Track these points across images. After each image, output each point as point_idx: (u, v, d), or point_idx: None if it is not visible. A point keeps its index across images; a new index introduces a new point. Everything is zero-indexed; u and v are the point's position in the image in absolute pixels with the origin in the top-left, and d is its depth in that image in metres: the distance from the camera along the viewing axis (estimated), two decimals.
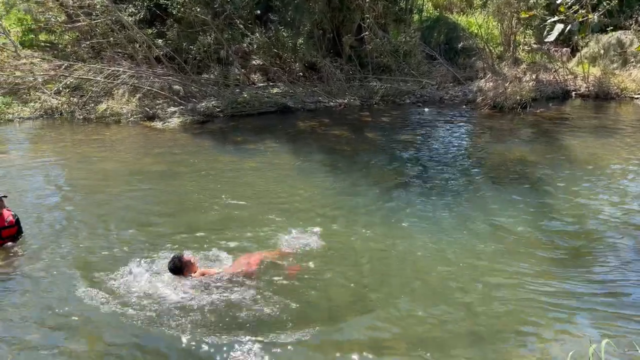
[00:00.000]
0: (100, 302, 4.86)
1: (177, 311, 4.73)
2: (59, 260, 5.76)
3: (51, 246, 6.10)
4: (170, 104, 14.58)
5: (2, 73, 14.69)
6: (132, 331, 4.47)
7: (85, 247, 6.09)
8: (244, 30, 16.92)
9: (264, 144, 11.62)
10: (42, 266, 5.64)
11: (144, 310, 4.70)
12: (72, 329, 4.55)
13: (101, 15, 15.32)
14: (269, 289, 5.14)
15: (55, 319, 4.71)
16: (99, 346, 4.37)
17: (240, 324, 4.59)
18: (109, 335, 4.48)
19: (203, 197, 7.88)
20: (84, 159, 10.25)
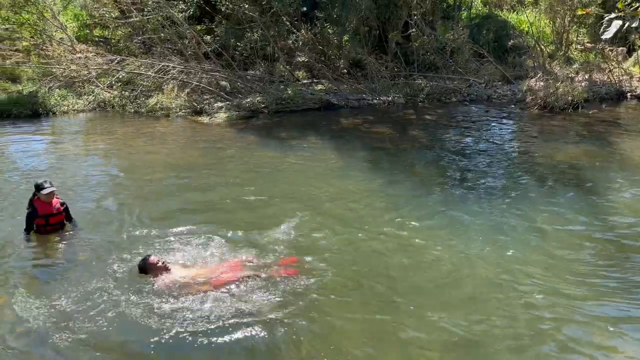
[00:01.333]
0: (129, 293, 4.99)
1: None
2: (102, 248, 5.90)
3: (96, 234, 6.27)
4: (217, 99, 14.85)
5: (59, 66, 15.33)
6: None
7: (128, 237, 6.20)
8: (290, 27, 17.04)
9: (306, 140, 11.68)
10: (86, 253, 5.80)
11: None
12: (105, 320, 4.67)
13: (153, 12, 15.75)
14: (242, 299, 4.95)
15: (89, 309, 4.79)
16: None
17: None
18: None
19: (244, 192, 7.97)
20: (133, 151, 10.58)
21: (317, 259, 5.71)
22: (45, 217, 6.02)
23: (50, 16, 16.45)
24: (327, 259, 5.75)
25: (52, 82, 14.59)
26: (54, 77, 14.80)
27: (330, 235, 6.37)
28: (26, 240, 5.99)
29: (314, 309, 4.82)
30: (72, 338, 4.37)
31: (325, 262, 5.66)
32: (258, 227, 6.50)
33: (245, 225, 6.59)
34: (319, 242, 6.17)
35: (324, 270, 5.45)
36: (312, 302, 4.89)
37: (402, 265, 5.77)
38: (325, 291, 5.10)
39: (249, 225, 6.58)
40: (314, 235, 6.32)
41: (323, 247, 6.05)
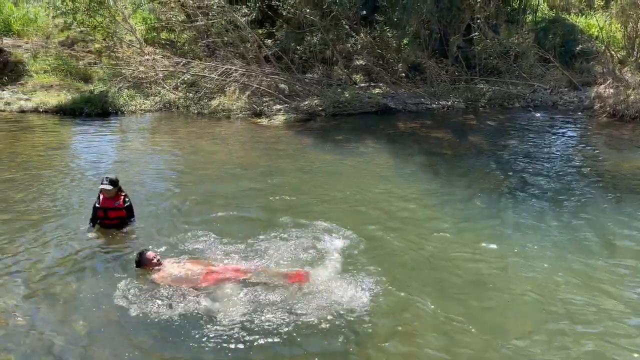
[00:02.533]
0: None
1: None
2: (158, 245, 6.01)
3: (154, 231, 6.42)
4: (276, 101, 15.11)
5: (128, 68, 16.08)
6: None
7: (185, 235, 6.27)
8: (349, 30, 17.10)
9: (363, 143, 11.68)
10: (127, 249, 5.88)
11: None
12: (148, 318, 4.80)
13: (217, 16, 16.23)
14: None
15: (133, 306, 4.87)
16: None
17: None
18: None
19: (300, 193, 8.05)
20: (196, 150, 10.93)
21: (368, 265, 5.67)
22: (104, 210, 6.27)
23: (121, 19, 17.28)
24: (379, 265, 5.67)
25: (121, 82, 15.31)
26: (124, 77, 15.52)
27: (384, 240, 6.33)
28: (87, 231, 6.28)
29: (359, 323, 4.78)
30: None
31: (377, 268, 5.59)
32: (310, 229, 6.51)
33: (297, 227, 6.60)
34: (372, 247, 6.10)
35: (377, 280, 5.37)
36: (360, 316, 4.81)
37: (459, 276, 5.61)
38: (375, 305, 5.07)
39: (301, 227, 6.59)
40: (368, 240, 6.27)
41: (376, 253, 5.98)
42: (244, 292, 4.96)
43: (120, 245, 6.00)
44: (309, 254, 5.78)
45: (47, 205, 7.25)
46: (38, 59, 16.67)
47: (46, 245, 5.90)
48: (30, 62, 16.47)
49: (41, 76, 15.81)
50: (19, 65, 16.15)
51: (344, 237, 6.28)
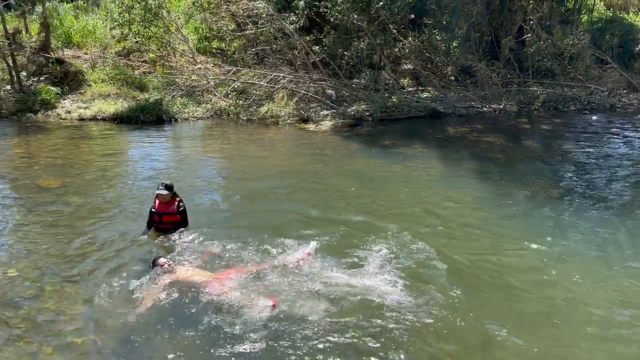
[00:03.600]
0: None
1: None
2: (204, 247, 6.08)
3: (204, 235, 6.43)
4: (323, 107, 15.19)
5: (181, 76, 16.57)
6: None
7: (231, 239, 6.29)
8: (396, 34, 17.00)
9: (412, 148, 11.56)
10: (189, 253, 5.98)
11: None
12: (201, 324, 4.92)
13: (266, 24, 16.50)
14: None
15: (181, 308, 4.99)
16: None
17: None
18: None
19: (346, 199, 8.02)
20: (245, 156, 11.12)
21: (417, 273, 5.58)
22: (159, 214, 6.44)
23: (175, 29, 17.84)
24: (427, 273, 5.57)
25: (175, 91, 15.79)
26: (177, 86, 16.01)
27: (434, 249, 6.17)
28: (142, 234, 6.47)
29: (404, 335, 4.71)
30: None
31: (425, 277, 5.48)
32: (357, 235, 6.48)
33: (344, 233, 6.58)
34: (421, 257, 5.96)
35: (426, 289, 5.27)
36: (413, 324, 4.76)
37: (511, 286, 5.42)
38: (424, 312, 4.98)
39: (348, 233, 6.57)
40: (416, 249, 6.13)
41: (425, 262, 5.84)
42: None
43: (170, 249, 6.14)
44: (357, 262, 5.75)
45: (105, 209, 7.54)
46: (96, 69, 17.42)
47: (102, 248, 6.11)
48: (89, 72, 17.22)
49: (99, 85, 16.51)
50: (79, 75, 16.92)
51: (391, 244, 6.20)
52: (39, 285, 5.18)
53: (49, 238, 6.36)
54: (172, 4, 19.15)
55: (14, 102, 15.25)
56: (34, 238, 6.39)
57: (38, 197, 8.07)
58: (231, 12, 17.86)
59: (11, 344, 4.32)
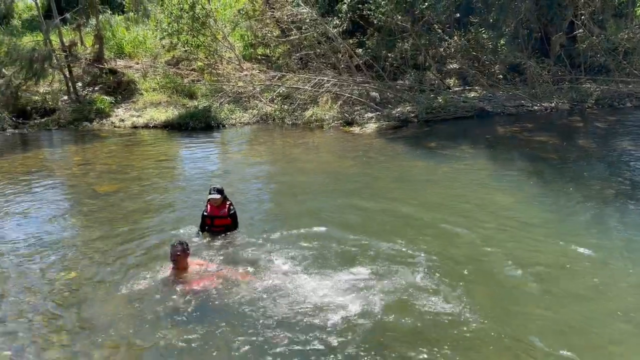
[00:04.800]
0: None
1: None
2: (251, 250, 6.18)
3: (251, 238, 6.54)
4: (367, 109, 15.15)
5: (228, 83, 16.92)
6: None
7: (275, 240, 6.41)
8: (441, 34, 16.76)
9: (459, 149, 11.35)
10: (237, 255, 6.08)
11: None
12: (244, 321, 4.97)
13: (310, 29, 16.63)
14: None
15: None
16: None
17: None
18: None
19: (392, 201, 7.92)
20: (290, 160, 11.24)
21: (461, 275, 5.48)
22: (211, 217, 6.62)
23: (221, 38, 18.24)
24: (475, 283, 5.42)
25: (222, 97, 16.15)
26: (224, 93, 16.36)
27: (484, 252, 6.06)
28: (195, 236, 6.64)
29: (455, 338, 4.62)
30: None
31: (467, 280, 5.36)
32: (401, 236, 6.42)
33: (385, 234, 6.52)
34: (470, 263, 5.85)
35: (467, 291, 5.17)
36: (454, 328, 4.68)
37: (565, 293, 5.19)
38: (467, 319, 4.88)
39: (388, 234, 6.50)
40: (465, 253, 6.03)
41: (473, 269, 5.72)
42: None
43: (221, 250, 6.27)
44: (400, 262, 5.70)
45: (158, 213, 7.80)
46: (147, 78, 18.04)
47: (157, 250, 6.30)
48: (141, 81, 17.85)
49: (150, 94, 17.08)
50: (131, 84, 17.58)
51: (434, 246, 6.11)
52: (96, 287, 5.39)
53: (105, 241, 6.61)
54: (218, 13, 19.61)
55: (71, 111, 16.00)
56: (91, 241, 6.67)
57: (95, 202, 8.42)
58: (276, 18, 18.10)
59: (68, 343, 4.52)
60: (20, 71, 15.51)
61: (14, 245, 6.64)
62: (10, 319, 4.91)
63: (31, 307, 5.08)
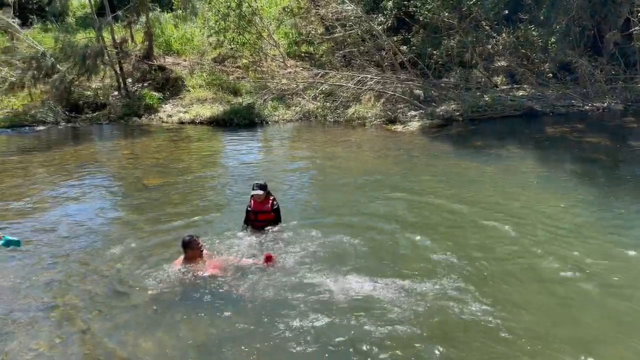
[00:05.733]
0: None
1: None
2: (292, 245, 6.23)
3: (293, 233, 6.60)
4: (411, 107, 14.98)
5: (272, 81, 17.08)
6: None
7: (317, 238, 6.40)
8: (489, 31, 16.38)
9: (506, 149, 11.08)
10: (279, 251, 6.07)
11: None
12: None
13: (354, 26, 16.58)
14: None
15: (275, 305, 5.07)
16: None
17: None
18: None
19: (436, 202, 7.80)
20: (332, 157, 11.23)
21: (510, 283, 5.32)
22: (255, 212, 6.69)
23: (267, 35, 18.43)
24: (515, 280, 5.29)
25: (266, 94, 16.32)
26: (268, 90, 16.52)
27: (533, 255, 5.88)
28: (240, 230, 6.73)
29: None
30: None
31: (511, 284, 5.22)
32: (443, 237, 6.33)
33: (427, 233, 6.44)
34: (519, 262, 5.71)
35: (510, 296, 5.04)
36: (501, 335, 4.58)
37: (619, 299, 5.00)
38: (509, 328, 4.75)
39: (431, 233, 6.43)
40: (510, 259, 5.84)
41: (522, 269, 5.57)
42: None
43: (263, 244, 6.33)
44: (440, 266, 5.61)
45: (203, 206, 7.97)
46: (194, 75, 18.42)
47: (204, 244, 6.42)
48: (188, 78, 18.26)
49: (197, 90, 17.44)
50: (178, 81, 18.00)
51: (485, 250, 5.99)
52: (142, 278, 5.54)
53: (153, 233, 6.81)
54: (264, 11, 19.82)
55: (121, 106, 16.53)
56: (139, 233, 6.87)
57: (143, 194, 8.69)
58: (320, 15, 18.14)
59: (116, 332, 4.68)
60: (73, 67, 16.15)
61: (64, 233, 6.94)
62: (59, 301, 5.13)
63: (78, 291, 5.32)
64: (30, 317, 4.88)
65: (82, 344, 4.47)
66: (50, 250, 6.39)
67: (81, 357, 4.32)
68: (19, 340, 4.53)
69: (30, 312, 4.98)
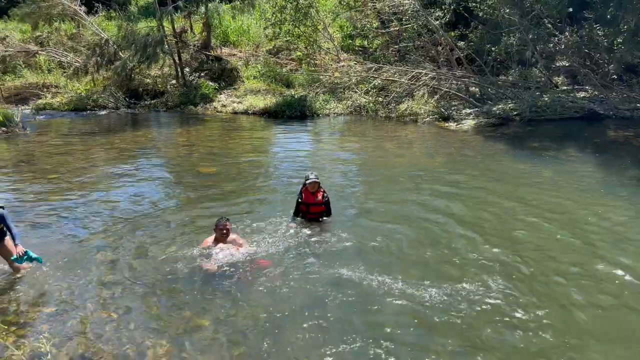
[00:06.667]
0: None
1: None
2: (342, 243, 6.18)
3: (341, 226, 6.66)
4: (466, 105, 14.68)
5: (325, 74, 17.12)
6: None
7: (361, 235, 6.41)
8: (551, 29, 15.78)
9: (564, 152, 10.69)
10: (328, 244, 6.16)
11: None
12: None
13: (411, 20, 16.36)
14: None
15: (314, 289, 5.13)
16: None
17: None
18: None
19: (488, 203, 7.61)
20: (382, 154, 11.15)
21: (558, 289, 5.16)
22: (307, 205, 6.77)
23: (322, 28, 18.47)
24: (567, 291, 5.10)
25: (318, 87, 16.38)
26: (321, 83, 16.58)
27: (593, 264, 5.66)
28: (290, 221, 6.77)
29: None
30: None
31: (564, 295, 5.04)
32: (495, 241, 6.17)
33: (479, 237, 6.29)
34: (578, 272, 5.51)
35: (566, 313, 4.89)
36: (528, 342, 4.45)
37: None
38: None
39: (483, 237, 6.27)
40: (572, 264, 5.69)
41: (581, 280, 5.38)
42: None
43: (313, 236, 6.39)
44: (490, 272, 5.49)
45: (254, 195, 8.14)
46: (249, 66, 18.72)
47: (257, 232, 6.53)
48: (243, 69, 18.57)
49: (251, 81, 17.73)
50: (234, 72, 18.34)
51: (542, 257, 5.82)
52: (194, 263, 5.69)
53: (205, 218, 6.98)
54: (320, 4, 19.86)
55: (178, 95, 17.02)
56: (193, 219, 7.08)
57: (197, 181, 8.94)
58: (377, 9, 17.99)
59: (166, 312, 4.85)
60: (134, 55, 16.73)
61: (120, 214, 7.26)
62: (110, 278, 5.37)
63: (128, 268, 5.57)
64: (88, 290, 5.14)
65: (136, 315, 4.67)
66: (106, 229, 6.70)
67: (139, 323, 4.50)
68: (88, 311, 4.77)
69: (88, 285, 5.25)
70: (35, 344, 4.18)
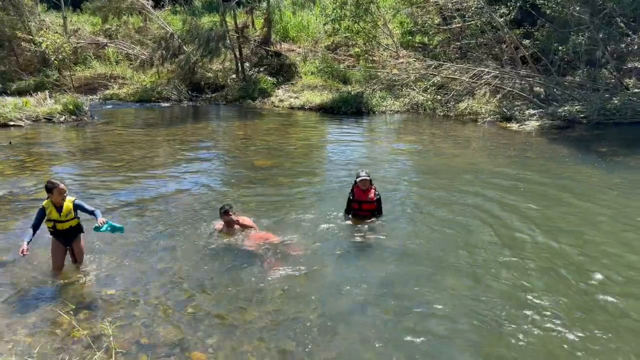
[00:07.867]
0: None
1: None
2: (386, 243, 6.12)
3: (392, 225, 6.59)
4: (529, 106, 14.17)
5: (383, 71, 16.98)
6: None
7: (410, 237, 6.28)
8: (624, 29, 14.95)
9: (634, 158, 10.11)
10: (380, 242, 6.13)
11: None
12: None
13: (474, 17, 15.94)
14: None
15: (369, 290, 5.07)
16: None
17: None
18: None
19: (550, 209, 7.26)
20: (438, 153, 10.93)
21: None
22: (358, 202, 6.70)
23: (382, 24, 18.31)
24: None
25: (375, 84, 16.27)
26: (378, 80, 16.46)
27: None
28: (344, 219, 6.78)
29: None
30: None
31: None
32: (552, 253, 5.91)
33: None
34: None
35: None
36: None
37: None
38: None
39: (544, 248, 6.01)
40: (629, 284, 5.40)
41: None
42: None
43: (366, 234, 6.38)
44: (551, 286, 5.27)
45: (308, 190, 8.19)
46: (307, 62, 18.84)
47: (311, 229, 6.57)
48: (301, 64, 18.72)
49: (308, 77, 17.85)
50: (292, 67, 18.53)
51: (600, 272, 5.53)
52: (254, 257, 5.81)
53: (275, 213, 7.09)
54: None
55: (238, 89, 17.38)
56: (252, 213, 7.20)
57: (253, 174, 9.11)
58: (439, 5, 17.65)
59: (227, 304, 4.96)
60: (198, 49, 17.22)
61: (179, 204, 7.49)
62: (168, 266, 5.56)
63: (184, 259, 5.71)
64: (150, 277, 5.34)
65: (196, 304, 4.81)
66: (164, 218, 6.92)
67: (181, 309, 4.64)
68: (150, 297, 4.97)
69: (150, 272, 5.46)
70: (99, 326, 4.39)
